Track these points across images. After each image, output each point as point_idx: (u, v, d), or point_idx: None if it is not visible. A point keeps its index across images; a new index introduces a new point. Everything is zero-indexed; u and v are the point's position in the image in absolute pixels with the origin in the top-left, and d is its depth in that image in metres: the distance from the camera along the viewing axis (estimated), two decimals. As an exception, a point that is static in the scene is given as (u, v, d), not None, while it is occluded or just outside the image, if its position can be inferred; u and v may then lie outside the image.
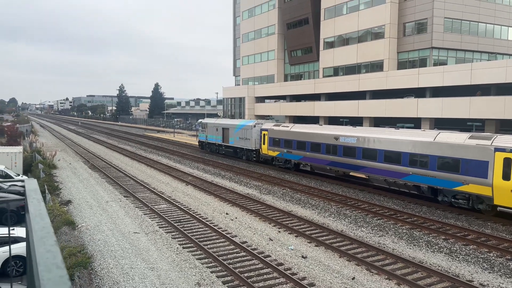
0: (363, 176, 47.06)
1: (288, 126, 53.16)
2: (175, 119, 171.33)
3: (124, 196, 39.71)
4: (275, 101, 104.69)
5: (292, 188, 43.10)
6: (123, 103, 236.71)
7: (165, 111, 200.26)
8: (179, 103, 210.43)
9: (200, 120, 78.48)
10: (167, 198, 38.22)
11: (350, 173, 47.16)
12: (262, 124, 60.29)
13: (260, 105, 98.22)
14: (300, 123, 72.41)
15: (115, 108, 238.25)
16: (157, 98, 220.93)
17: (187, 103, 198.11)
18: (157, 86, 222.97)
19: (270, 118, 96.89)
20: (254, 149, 60.84)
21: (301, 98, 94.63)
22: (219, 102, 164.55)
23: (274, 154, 55.02)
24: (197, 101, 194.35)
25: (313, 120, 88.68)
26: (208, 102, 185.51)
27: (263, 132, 57.24)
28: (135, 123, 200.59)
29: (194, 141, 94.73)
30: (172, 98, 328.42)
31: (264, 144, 57.07)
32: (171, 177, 50.05)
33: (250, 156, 62.12)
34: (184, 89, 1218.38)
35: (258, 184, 45.47)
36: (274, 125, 56.02)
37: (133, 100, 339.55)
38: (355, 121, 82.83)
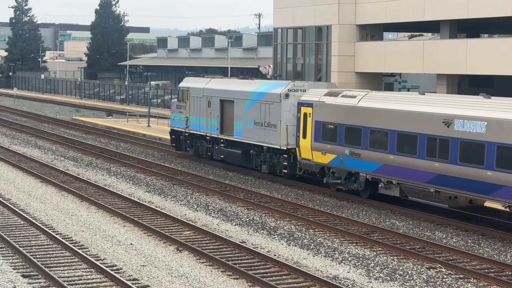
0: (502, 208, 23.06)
1: (354, 96, 27.30)
2: (153, 83, 76.40)
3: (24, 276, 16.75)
4: (409, 37, 55.90)
5: None
6: (26, 41, 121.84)
7: (128, 62, 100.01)
8: (162, 42, 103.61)
9: (180, 85, 39.65)
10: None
11: (479, 202, 23.87)
12: (304, 90, 30.16)
13: (369, 46, 45.68)
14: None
15: (7, 55, 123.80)
16: (107, 28, 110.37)
17: (183, 40, 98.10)
18: (107, 1, 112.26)
19: (398, 81, 37.14)
20: (284, 147, 29.65)
21: (477, 29, 46.77)
22: (265, 38, 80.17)
23: (325, 160, 28.19)
24: (207, 37, 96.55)
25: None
26: (237, 37, 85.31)
27: (303, 109, 29.10)
28: (53, 90, 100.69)
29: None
30: (147, 30, 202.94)
31: (305, 136, 29.05)
32: (138, 229, 21.79)
33: (276, 166, 30.53)
34: (175, 12, 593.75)
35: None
36: (328, 94, 28.66)
37: (49, 33, 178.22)
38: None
